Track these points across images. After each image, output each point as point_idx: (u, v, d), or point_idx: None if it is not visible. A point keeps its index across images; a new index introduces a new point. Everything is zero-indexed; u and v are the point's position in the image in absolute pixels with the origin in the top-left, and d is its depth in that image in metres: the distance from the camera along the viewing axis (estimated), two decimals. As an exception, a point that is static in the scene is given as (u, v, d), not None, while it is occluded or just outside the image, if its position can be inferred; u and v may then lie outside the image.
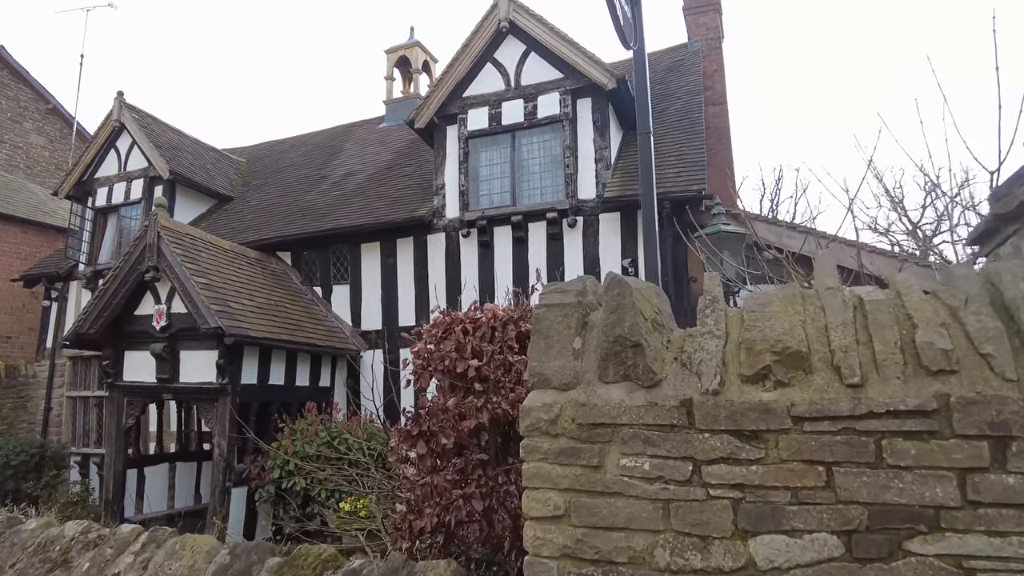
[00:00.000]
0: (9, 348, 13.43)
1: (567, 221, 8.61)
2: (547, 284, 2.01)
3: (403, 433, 2.53)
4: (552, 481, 1.75)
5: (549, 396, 1.80)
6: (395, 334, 9.40)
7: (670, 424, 1.68)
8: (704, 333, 1.76)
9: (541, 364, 1.84)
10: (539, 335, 1.87)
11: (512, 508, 2.27)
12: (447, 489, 2.32)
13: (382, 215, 9.61)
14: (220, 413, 7.69)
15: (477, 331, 2.51)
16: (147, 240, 8.07)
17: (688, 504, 1.64)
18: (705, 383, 1.68)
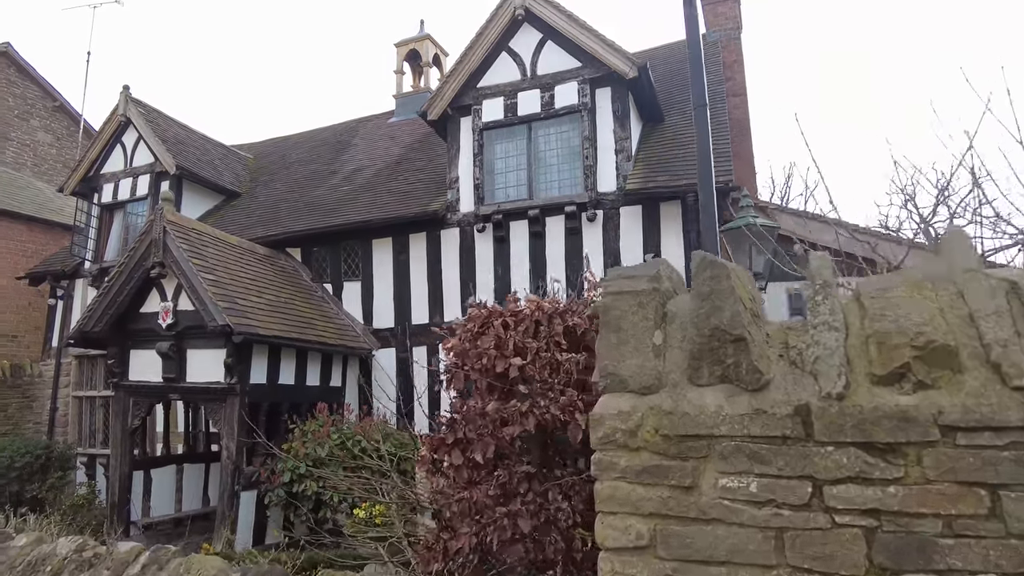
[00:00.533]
0: (15, 347, 13.22)
1: (586, 215, 8.29)
2: (610, 269, 1.70)
3: (436, 441, 2.23)
4: (633, 504, 1.44)
5: (626, 402, 1.50)
6: (408, 332, 9.12)
7: (782, 435, 1.38)
8: (817, 324, 1.45)
9: (615, 363, 1.53)
10: (609, 328, 1.57)
11: (564, 528, 1.97)
12: (488, 506, 2.03)
13: (393, 210, 9.32)
14: (228, 414, 7.42)
15: (519, 325, 2.21)
16: (152, 235, 7.81)
17: (808, 533, 1.33)
18: (825, 385, 1.37)
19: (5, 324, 13.16)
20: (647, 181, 7.98)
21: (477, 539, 2.03)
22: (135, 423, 8.22)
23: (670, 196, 7.95)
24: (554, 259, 8.42)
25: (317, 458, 7.11)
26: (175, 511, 8.89)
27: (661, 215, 8.12)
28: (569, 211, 8.28)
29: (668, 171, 8.09)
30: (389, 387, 9.10)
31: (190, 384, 7.71)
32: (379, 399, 9.00)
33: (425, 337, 8.99)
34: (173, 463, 9.05)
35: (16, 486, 9.50)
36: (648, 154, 8.63)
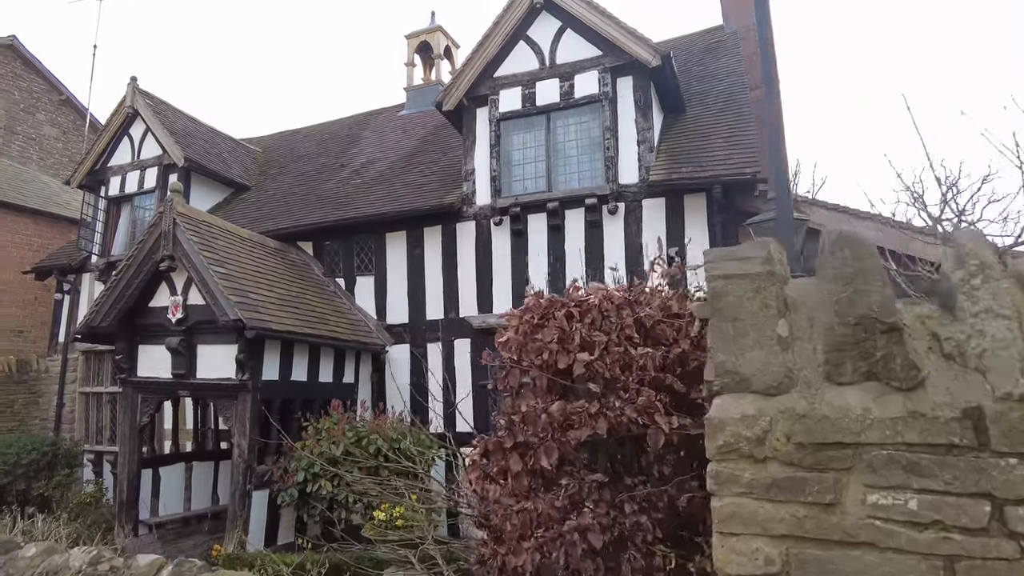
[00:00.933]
0: (21, 342, 13.05)
1: (607, 207, 8.05)
2: (709, 251, 1.47)
3: (492, 445, 2.01)
4: (760, 525, 1.22)
5: (750, 404, 1.27)
6: (422, 328, 8.91)
7: (948, 444, 1.15)
8: (979, 312, 1.21)
9: (733, 359, 1.31)
10: (723, 318, 1.34)
11: (643, 545, 1.75)
12: (554, 518, 1.81)
13: (408, 203, 9.10)
14: (240, 411, 7.21)
15: (585, 316, 1.98)
16: (162, 227, 7.60)
17: (988, 565, 1.10)
18: (1000, 384, 1.14)
19: (11, 319, 12.99)
20: (671, 172, 7.74)
21: (540, 555, 1.81)
22: (143, 420, 8.02)
23: (695, 188, 7.71)
24: (573, 253, 8.18)
25: (332, 457, 6.90)
26: (184, 510, 8.69)
27: (685, 208, 7.88)
28: (589, 204, 8.04)
29: (693, 162, 7.84)
30: (403, 384, 8.89)
31: (200, 380, 7.50)
32: (393, 396, 8.81)
33: (440, 333, 8.77)
34: (182, 461, 8.85)
35: (23, 484, 9.32)
36: (670, 145, 8.38)
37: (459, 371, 8.58)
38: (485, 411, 8.37)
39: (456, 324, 8.68)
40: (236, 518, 7.03)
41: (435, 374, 8.72)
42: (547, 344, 1.98)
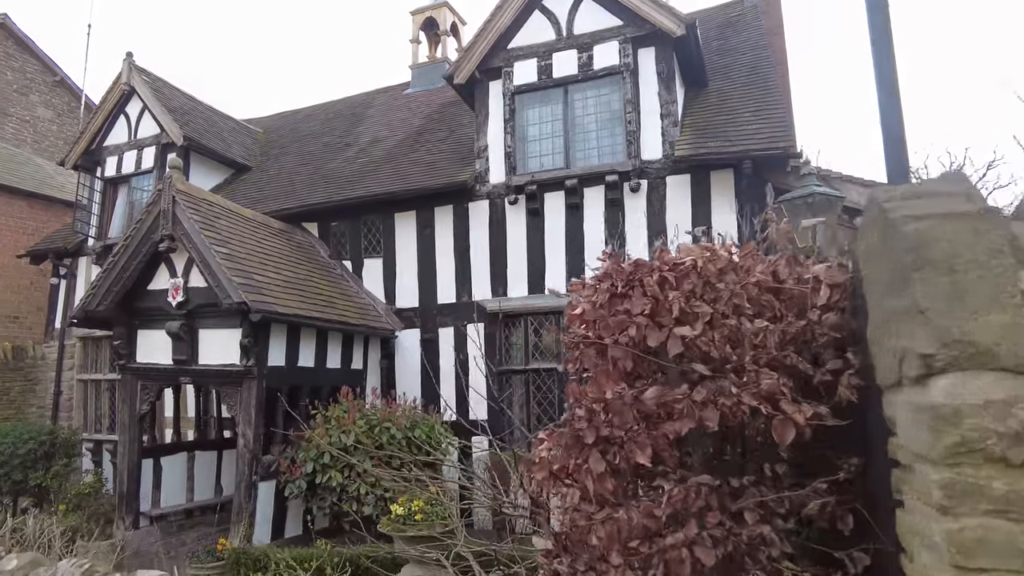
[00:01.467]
0: (16, 328, 12.68)
1: (629, 185, 7.66)
2: (886, 188, 1.09)
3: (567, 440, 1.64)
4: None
5: (998, 385, 0.90)
6: (433, 312, 8.54)
7: None
8: None
9: (960, 323, 0.94)
10: (936, 270, 0.97)
11: (768, 562, 1.40)
12: (651, 530, 1.45)
13: (417, 181, 8.70)
14: (245, 398, 6.86)
15: (682, 283, 1.62)
16: (161, 206, 7.20)
17: None
18: None
19: (6, 304, 12.62)
20: (698, 147, 7.34)
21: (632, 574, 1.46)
22: (144, 408, 7.68)
23: (723, 164, 7.32)
24: (593, 233, 7.80)
25: (342, 447, 6.56)
26: (187, 501, 8.37)
27: (712, 184, 7.48)
28: (610, 181, 7.65)
29: (720, 137, 7.44)
30: (413, 370, 8.55)
31: (203, 367, 7.14)
32: (403, 383, 8.47)
33: (452, 317, 8.41)
34: (184, 450, 8.51)
35: (19, 474, 8.98)
36: (694, 120, 7.97)
37: (473, 356, 8.22)
38: (500, 398, 8.02)
39: (469, 308, 8.32)
40: (242, 510, 6.70)
41: (447, 359, 8.37)
42: (633, 318, 1.61)
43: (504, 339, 8.16)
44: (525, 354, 7.92)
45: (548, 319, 7.87)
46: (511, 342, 8.16)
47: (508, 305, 8.02)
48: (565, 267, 7.87)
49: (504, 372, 8.06)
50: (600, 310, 1.69)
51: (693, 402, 1.50)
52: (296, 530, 7.46)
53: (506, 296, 8.12)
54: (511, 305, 8.00)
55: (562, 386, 7.71)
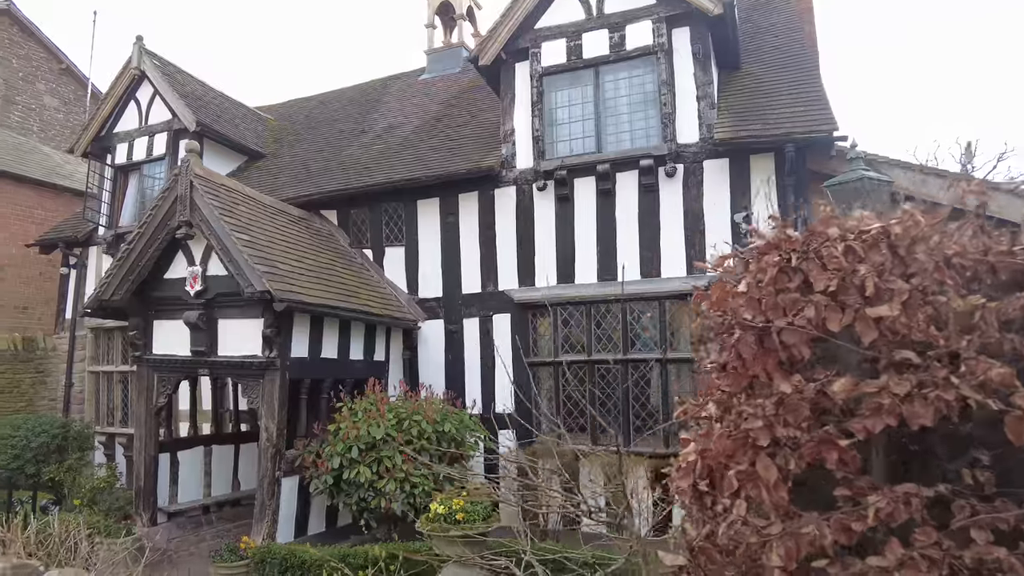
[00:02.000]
0: (26, 319, 12.44)
1: (664, 169, 7.35)
2: None
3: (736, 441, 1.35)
4: None
5: None
6: (457, 302, 8.26)
7: None
8: None
9: None
10: None
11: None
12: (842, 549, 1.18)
13: (440, 167, 8.39)
14: (268, 391, 6.60)
15: (870, 254, 1.33)
16: (178, 191, 6.93)
17: None
18: None
19: (15, 295, 12.38)
20: (738, 130, 7.02)
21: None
22: (160, 401, 7.44)
23: (764, 148, 7.01)
24: (625, 220, 7.50)
25: (371, 441, 6.31)
26: (204, 496, 8.14)
27: (751, 169, 7.17)
28: (644, 165, 7.34)
29: (760, 119, 7.13)
30: (437, 362, 8.29)
31: (223, 358, 6.88)
32: (426, 375, 8.20)
33: (477, 307, 8.13)
34: (200, 445, 8.28)
35: (32, 467, 8.75)
36: (730, 103, 7.65)
37: (499, 348, 7.95)
38: (528, 391, 7.75)
39: (495, 298, 8.04)
40: (265, 507, 6.46)
41: (472, 351, 8.10)
42: (810, 297, 1.32)
43: (532, 330, 7.88)
44: (554, 346, 7.64)
45: (579, 309, 7.58)
46: (539, 333, 7.88)
47: (536, 295, 7.74)
48: (596, 255, 7.58)
49: (532, 364, 7.78)
50: (766, 288, 1.40)
51: (894, 395, 1.22)
52: (319, 527, 7.22)
53: (534, 286, 7.84)
54: (539, 295, 7.72)
55: (594, 378, 7.45)
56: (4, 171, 12.24)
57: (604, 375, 7.41)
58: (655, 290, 7.26)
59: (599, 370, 7.43)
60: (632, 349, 7.34)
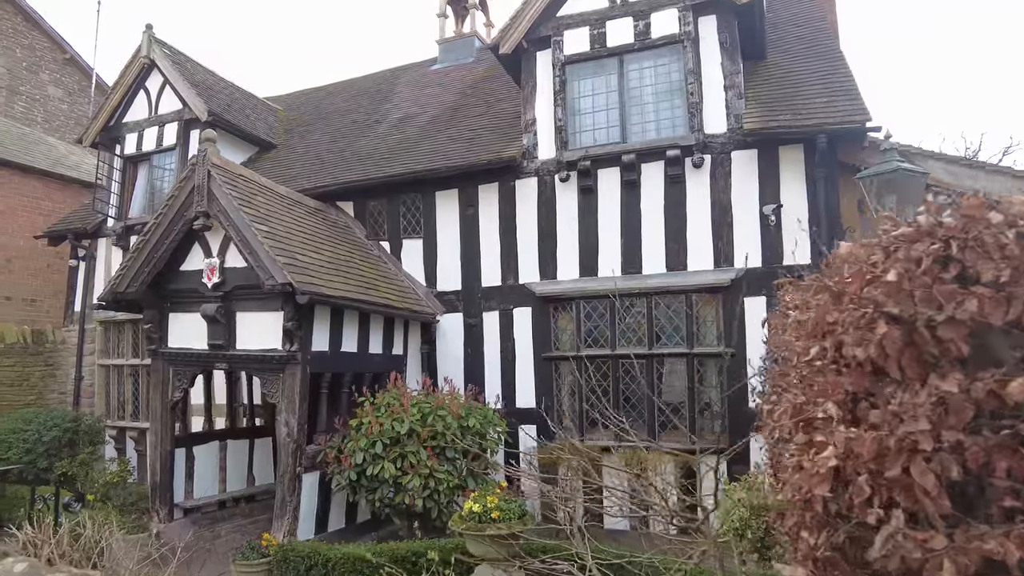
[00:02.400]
0: (34, 312, 12.30)
1: (692, 160, 7.20)
2: None
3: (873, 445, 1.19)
4: None
5: None
6: (477, 295, 8.12)
7: None
8: None
9: None
10: None
11: None
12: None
13: (460, 158, 8.23)
14: (288, 385, 6.47)
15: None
16: (195, 180, 6.77)
17: None
18: None
19: (23, 287, 12.24)
20: (768, 120, 6.87)
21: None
22: (176, 395, 7.30)
23: (793, 139, 6.86)
24: (651, 212, 7.36)
25: (394, 436, 6.19)
26: (220, 491, 8.02)
27: (780, 160, 7.03)
28: (671, 156, 7.19)
29: (790, 110, 6.97)
30: (455, 356, 8.17)
31: (241, 352, 6.75)
32: (445, 370, 8.07)
33: (497, 300, 7.99)
34: (216, 439, 8.14)
35: (44, 462, 8.64)
36: (757, 93, 7.48)
37: (519, 342, 7.82)
38: (549, 386, 7.64)
39: (515, 291, 7.90)
40: (286, 504, 6.33)
41: (491, 345, 7.97)
42: (971, 288, 1.19)
43: (554, 324, 7.75)
44: (577, 340, 7.50)
45: (603, 303, 7.44)
46: (561, 327, 7.75)
47: (558, 288, 7.61)
48: (620, 248, 7.44)
49: (553, 359, 7.66)
50: (920, 278, 1.26)
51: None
52: (339, 523, 7.11)
53: (555, 279, 7.70)
54: (561, 288, 7.58)
55: (618, 373, 7.31)
56: (10, 161, 12.08)
57: (629, 370, 7.28)
58: (682, 283, 7.12)
59: (623, 365, 7.30)
60: (657, 343, 7.20)
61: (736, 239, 7.07)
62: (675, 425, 7.12)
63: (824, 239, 6.74)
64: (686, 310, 7.13)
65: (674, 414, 7.13)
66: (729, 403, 6.92)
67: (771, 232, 6.98)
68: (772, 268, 6.90)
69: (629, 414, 7.29)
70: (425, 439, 6.16)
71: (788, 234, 6.92)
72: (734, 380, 6.91)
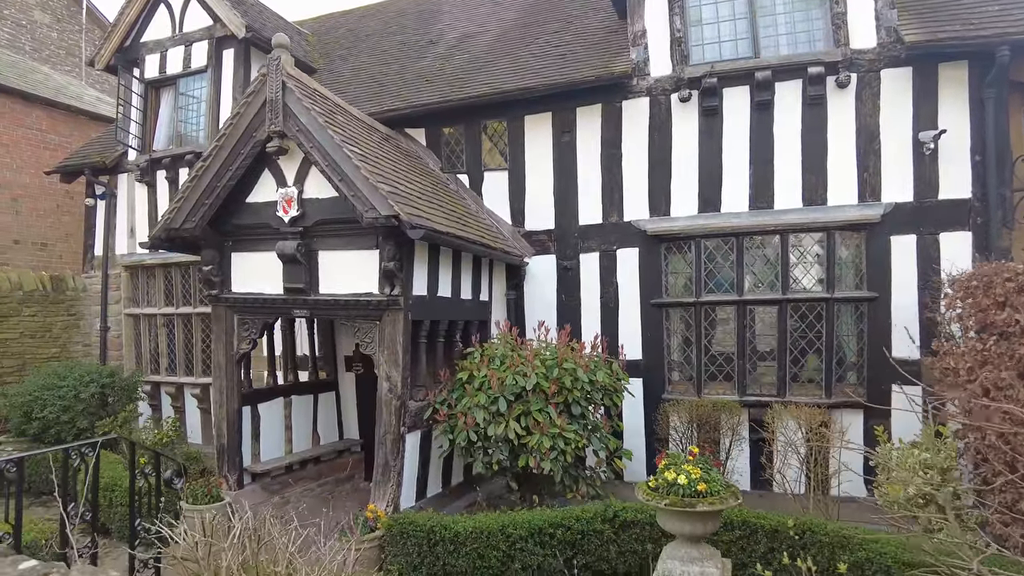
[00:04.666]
0: (46, 257, 11.18)
1: (836, 79, 6.26)
2: None
3: None
4: None
5: None
6: (573, 235, 7.23)
7: None
8: None
9: None
10: None
11: None
12: None
13: (556, 74, 7.17)
14: (389, 334, 5.60)
15: None
16: (267, 94, 5.72)
17: None
18: None
19: (32, 231, 11.08)
20: (934, 32, 5.92)
21: None
22: (243, 347, 6.42)
23: (958, 54, 5.94)
24: (785, 138, 6.45)
25: (517, 391, 5.40)
26: (285, 454, 7.23)
27: (939, 79, 6.11)
28: (813, 74, 6.24)
29: (956, 19, 6.02)
30: (547, 302, 7.33)
31: (327, 297, 5.83)
32: (534, 317, 7.23)
33: (597, 240, 7.11)
34: (280, 396, 7.31)
35: (84, 421, 7.76)
36: (905, 3, 6.49)
37: (623, 288, 7.00)
38: (659, 336, 6.86)
39: (619, 230, 7.02)
40: (389, 468, 5.54)
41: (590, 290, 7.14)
42: None
43: (665, 267, 6.91)
44: (696, 285, 6.68)
45: (727, 242, 6.60)
46: (674, 270, 6.92)
47: (673, 226, 6.74)
48: (749, 179, 6.55)
49: (664, 305, 6.85)
50: None
51: None
52: (436, 487, 6.37)
53: (669, 215, 6.82)
54: (677, 226, 6.72)
55: (744, 321, 6.54)
56: (11, 88, 10.73)
57: (758, 318, 6.51)
58: (820, 219, 6.29)
59: (751, 312, 6.52)
60: (792, 288, 6.41)
61: (884, 170, 6.22)
62: (810, 378, 6.41)
63: (990, 169, 5.91)
64: (826, 250, 6.32)
65: (808, 365, 6.40)
66: (868, 353, 6.21)
67: (925, 162, 6.13)
68: (925, 203, 6.09)
69: (756, 366, 6.57)
70: (553, 395, 5.37)
71: (945, 164, 6.08)
72: (875, 328, 6.19)
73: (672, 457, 4.02)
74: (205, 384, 9.06)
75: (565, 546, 4.71)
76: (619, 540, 5.02)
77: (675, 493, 3.72)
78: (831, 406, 6.09)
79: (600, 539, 4.87)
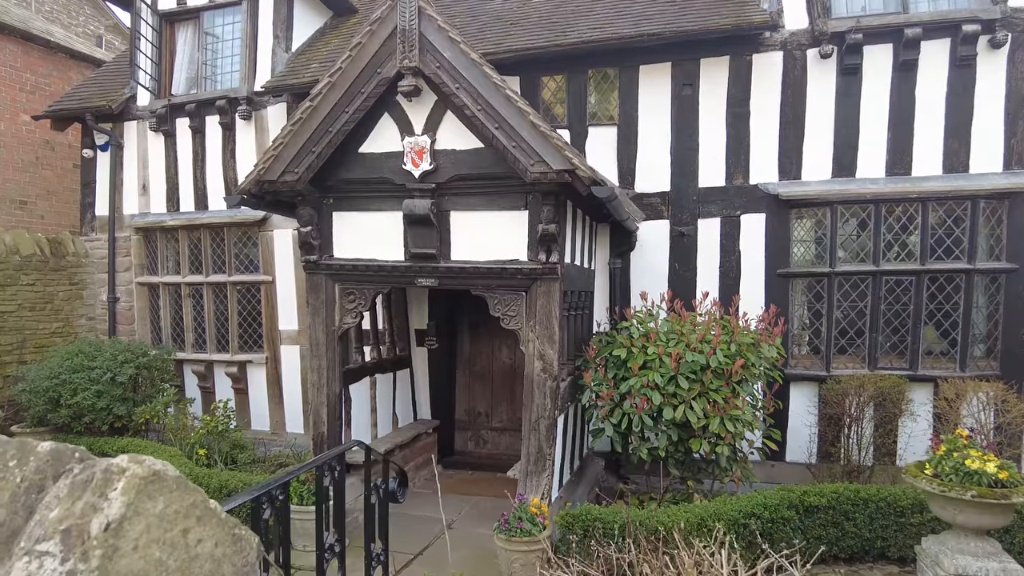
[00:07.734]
0: (25, 217, 9.66)
1: (990, 40, 5.94)
2: None
3: None
4: None
5: None
6: (691, 198, 6.71)
7: None
8: None
9: None
10: None
11: None
12: None
13: (682, 20, 6.52)
14: (542, 306, 4.94)
15: None
16: (397, 22, 4.84)
17: None
18: None
19: (8, 186, 9.51)
20: (1102, -12, 5.67)
21: None
22: (347, 321, 5.60)
23: None
24: (928, 101, 6.11)
25: (695, 369, 4.89)
26: (371, 439, 6.49)
27: (1102, 42, 5.90)
28: (968, 32, 5.89)
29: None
30: (657, 272, 6.81)
31: (462, 263, 5.09)
32: (640, 287, 6.70)
33: (719, 205, 6.62)
34: (366, 375, 6.51)
35: (122, 407, 6.70)
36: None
37: (746, 256, 6.56)
38: (784, 308, 6.48)
39: (744, 193, 6.55)
40: (544, 458, 4.94)
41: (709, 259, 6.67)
42: None
43: (793, 234, 6.51)
44: (831, 254, 6.32)
45: (864, 209, 6.26)
46: (804, 238, 6.53)
47: (806, 190, 6.33)
48: (887, 143, 6.20)
49: (793, 275, 6.48)
50: None
51: None
52: (569, 474, 5.80)
53: (800, 179, 6.40)
54: (812, 191, 6.31)
55: (880, 293, 6.25)
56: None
57: (894, 289, 6.23)
58: (963, 187, 6.02)
59: (887, 283, 6.23)
60: (931, 258, 6.15)
61: (1032, 136, 6.00)
62: (943, 351, 6.21)
63: None
64: (969, 218, 6.07)
65: (944, 337, 6.20)
66: (1004, 327, 6.06)
67: (1073, 129, 5.94)
68: (1074, 171, 5.92)
69: (889, 339, 6.32)
70: (735, 373, 4.90)
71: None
72: (1013, 300, 6.04)
73: (950, 441, 3.63)
74: (242, 361, 8.08)
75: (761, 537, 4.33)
76: (804, 528, 4.75)
77: (974, 482, 3.33)
78: (972, 378, 5.91)
79: (789, 527, 4.62)
